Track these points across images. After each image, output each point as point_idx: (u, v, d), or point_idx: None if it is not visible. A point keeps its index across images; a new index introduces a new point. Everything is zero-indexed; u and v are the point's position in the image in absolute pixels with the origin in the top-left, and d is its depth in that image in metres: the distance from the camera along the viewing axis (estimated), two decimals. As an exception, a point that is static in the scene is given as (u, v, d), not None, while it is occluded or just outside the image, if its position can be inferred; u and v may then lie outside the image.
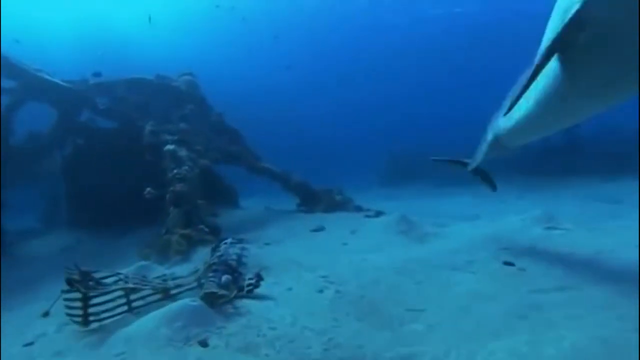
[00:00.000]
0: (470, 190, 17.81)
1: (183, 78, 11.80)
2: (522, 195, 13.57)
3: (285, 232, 8.01)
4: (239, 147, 11.29)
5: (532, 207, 10.78)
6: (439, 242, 6.47)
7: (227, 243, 3.89)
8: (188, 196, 6.96)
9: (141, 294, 3.65)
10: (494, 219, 7.63)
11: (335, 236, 7.22)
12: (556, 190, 14.66)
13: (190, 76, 11.99)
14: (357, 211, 10.86)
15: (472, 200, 13.91)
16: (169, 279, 3.99)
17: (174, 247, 5.76)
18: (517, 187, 16.60)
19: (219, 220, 10.18)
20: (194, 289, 4.11)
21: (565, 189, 14.79)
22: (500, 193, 15.75)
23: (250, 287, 3.64)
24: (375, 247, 6.33)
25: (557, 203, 10.88)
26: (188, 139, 9.48)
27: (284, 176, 11.41)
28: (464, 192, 17.57)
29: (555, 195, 13.24)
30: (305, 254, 6.06)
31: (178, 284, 3.95)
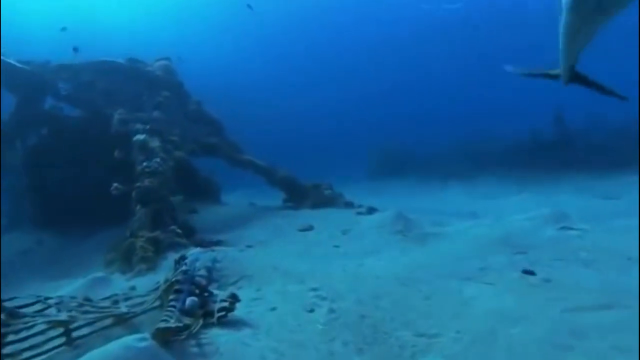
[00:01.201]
0: (462, 184, 17.38)
1: (159, 63, 10.80)
2: (518, 191, 13.04)
3: (270, 232, 7.22)
4: (219, 138, 10.39)
5: (531, 203, 10.28)
6: (442, 245, 5.77)
7: (195, 253, 3.09)
8: (158, 193, 6.10)
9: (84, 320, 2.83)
10: (498, 218, 6.98)
11: (326, 237, 6.47)
12: (552, 186, 14.21)
13: (167, 61, 11.00)
14: (347, 207, 10.12)
15: (467, 196, 13.36)
16: (121, 300, 3.17)
17: (138, 254, 4.92)
18: (511, 183, 16.15)
19: (196, 218, 9.32)
20: (156, 309, 3.30)
21: (561, 185, 14.35)
22: (494, 189, 15.34)
23: (223, 313, 2.86)
24: (371, 250, 5.60)
25: (558, 200, 10.34)
26: (162, 128, 8.56)
27: (269, 169, 10.58)
28: (455, 186, 17.08)
29: (552, 191, 12.74)
30: (292, 259, 5.28)
31: (135, 303, 3.14)
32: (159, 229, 5.50)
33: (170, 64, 10.96)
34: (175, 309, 2.69)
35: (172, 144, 8.49)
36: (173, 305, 2.73)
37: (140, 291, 4.05)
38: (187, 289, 2.85)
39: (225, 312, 2.89)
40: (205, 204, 10.92)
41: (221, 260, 5.16)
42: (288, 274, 4.62)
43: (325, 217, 8.28)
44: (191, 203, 10.59)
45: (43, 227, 9.83)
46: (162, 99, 9.49)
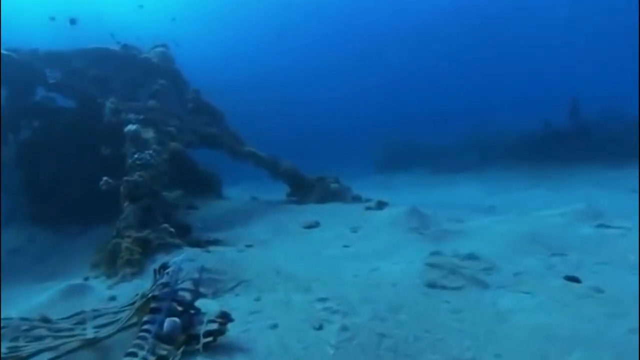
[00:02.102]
0: (474, 177, 16.68)
1: (155, 50, 10.20)
2: (534, 184, 12.34)
3: (273, 229, 6.65)
4: (219, 129, 9.80)
5: (552, 197, 9.62)
6: (464, 244, 5.15)
7: (178, 260, 2.53)
8: (149, 187, 5.54)
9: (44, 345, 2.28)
10: (522, 213, 6.35)
11: (333, 235, 5.88)
12: (569, 178, 13.49)
13: (164, 48, 10.40)
14: (355, 202, 9.51)
15: (481, 189, 12.68)
16: (89, 319, 2.62)
17: (123, 256, 4.38)
18: (524, 175, 15.45)
19: (195, 215, 8.78)
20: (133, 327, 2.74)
21: (578, 177, 13.63)
22: (508, 182, 14.64)
23: (211, 338, 2.30)
24: (385, 250, 5.00)
25: (580, 193, 9.66)
26: (157, 118, 7.98)
27: (272, 162, 9.98)
28: (467, 179, 16.38)
29: (571, 184, 12.02)
30: (296, 261, 4.71)
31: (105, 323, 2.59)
32: (148, 228, 4.95)
33: (167, 51, 10.36)
34: (149, 334, 2.14)
35: (167, 135, 7.92)
36: (147, 330, 2.17)
37: (121, 301, 3.51)
38: (166, 308, 2.30)
39: (214, 336, 2.33)
40: (205, 199, 10.40)
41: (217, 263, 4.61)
42: (292, 280, 4.06)
43: (332, 212, 7.70)
44: (190, 198, 10.09)
45: (36, 223, 9.35)
46: (158, 88, 8.90)
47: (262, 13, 34.32)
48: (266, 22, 36.20)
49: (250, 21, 35.76)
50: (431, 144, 23.89)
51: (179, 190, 10.23)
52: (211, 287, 4.15)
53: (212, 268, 4.52)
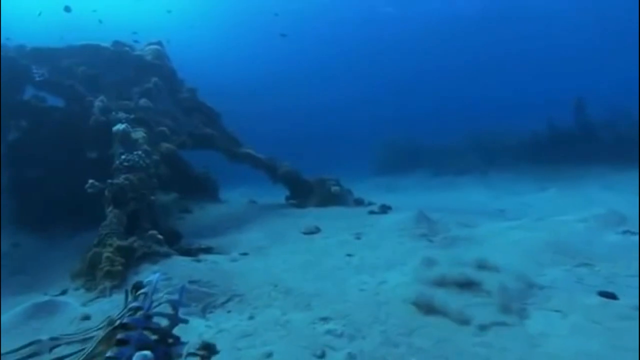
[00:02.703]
0: (479, 179, 16.25)
1: (149, 47, 9.80)
2: (543, 187, 11.91)
3: (271, 235, 6.22)
4: (215, 129, 9.39)
5: (564, 200, 9.20)
6: (479, 252, 4.72)
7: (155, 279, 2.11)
8: (136, 191, 5.12)
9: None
10: (538, 218, 5.92)
11: (336, 242, 5.45)
12: (578, 180, 13.05)
13: (158, 45, 10.00)
14: (357, 205, 9.11)
15: (487, 192, 12.26)
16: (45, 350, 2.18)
17: (103, 267, 3.95)
18: (531, 177, 15.07)
19: (189, 219, 8.37)
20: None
21: (588, 179, 13.20)
22: (515, 184, 14.22)
23: (188, 379, 1.88)
24: (393, 260, 4.57)
25: (594, 197, 9.24)
26: (149, 118, 7.58)
27: (270, 164, 9.57)
28: (471, 182, 15.95)
29: (582, 186, 11.59)
30: (295, 272, 4.29)
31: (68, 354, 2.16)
32: (134, 235, 4.53)
33: (161, 49, 9.96)
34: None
35: (160, 136, 7.51)
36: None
37: (97, 320, 3.08)
38: (136, 339, 1.89)
39: (194, 374, 1.91)
40: (201, 202, 9.99)
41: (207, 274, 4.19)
42: (290, 295, 3.63)
43: (333, 217, 7.27)
44: (185, 201, 9.68)
45: (22, 227, 8.91)
46: (150, 86, 8.49)
47: (265, 13, 33.98)
48: (267, 22, 35.88)
49: (251, 22, 35.43)
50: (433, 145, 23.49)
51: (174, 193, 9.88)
52: (200, 302, 3.74)
53: (201, 280, 4.11)
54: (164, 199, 9.64)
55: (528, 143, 20.22)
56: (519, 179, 15.23)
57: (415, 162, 22.10)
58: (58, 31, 9.94)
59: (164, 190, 9.71)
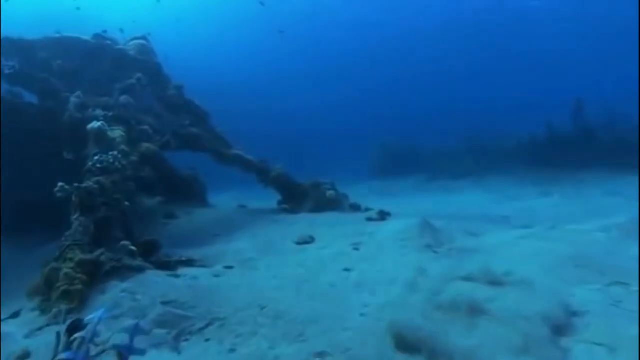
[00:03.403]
0: (476, 184, 15.83)
1: (133, 42, 9.23)
2: (545, 192, 11.50)
3: (260, 245, 5.67)
4: (202, 129, 8.82)
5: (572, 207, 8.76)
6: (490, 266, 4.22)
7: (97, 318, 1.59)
8: (108, 196, 4.55)
9: None
10: (552, 227, 5.45)
11: (332, 254, 4.92)
12: (577, 184, 12.69)
13: (143, 40, 9.42)
14: (354, 211, 8.59)
15: (486, 197, 11.83)
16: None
17: (60, 286, 3.38)
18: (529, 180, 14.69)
19: (173, 226, 7.77)
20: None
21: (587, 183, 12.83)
22: (513, 187, 13.82)
23: None
24: (396, 275, 4.05)
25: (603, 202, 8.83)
26: (129, 116, 7.00)
27: (261, 167, 9.02)
28: (469, 186, 15.53)
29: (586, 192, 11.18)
30: (286, 291, 3.75)
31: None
32: (102, 247, 3.96)
33: (147, 44, 9.39)
34: None
35: (141, 135, 6.94)
36: None
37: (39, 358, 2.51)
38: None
39: None
40: (187, 207, 9.39)
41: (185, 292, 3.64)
42: (280, 320, 3.09)
43: (328, 224, 6.74)
44: (171, 206, 9.09)
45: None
46: (133, 82, 7.92)
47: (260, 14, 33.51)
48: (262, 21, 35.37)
49: (245, 19, 34.87)
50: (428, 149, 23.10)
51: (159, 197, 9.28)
52: (174, 328, 3.18)
53: (177, 300, 3.56)
54: (147, 203, 9.06)
55: (525, 146, 19.87)
56: (517, 182, 14.82)
57: (410, 165, 21.67)
58: (36, 22, 9.31)
59: (148, 194, 9.16)
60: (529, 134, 19.77)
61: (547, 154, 17.85)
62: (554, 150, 17.97)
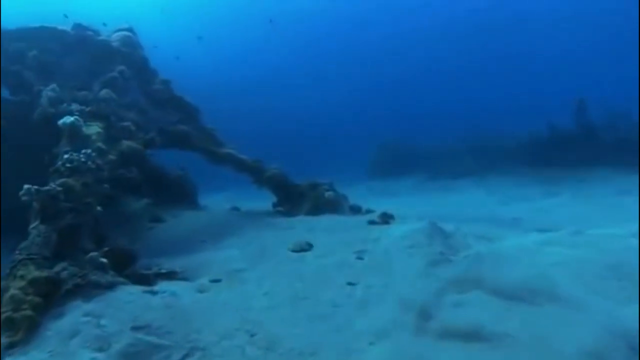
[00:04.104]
0: (478, 183, 15.34)
1: (117, 34, 8.63)
2: (550, 191, 11.03)
3: (252, 252, 5.11)
4: (192, 126, 8.24)
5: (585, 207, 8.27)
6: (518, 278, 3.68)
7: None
8: (77, 200, 3.97)
9: None
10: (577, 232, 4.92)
11: (333, 264, 4.36)
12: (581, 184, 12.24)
13: (128, 32, 8.82)
14: (354, 213, 8.05)
15: (490, 197, 11.33)
16: None
17: (5, 311, 2.79)
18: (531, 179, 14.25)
19: (159, 231, 7.19)
20: None
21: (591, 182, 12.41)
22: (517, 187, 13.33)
23: None
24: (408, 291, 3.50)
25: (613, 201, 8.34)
26: (110, 111, 6.42)
27: (256, 166, 8.46)
28: (471, 186, 15.05)
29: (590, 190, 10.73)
30: (280, 311, 3.19)
31: None
32: (65, 260, 3.39)
33: (132, 36, 8.78)
34: None
35: (123, 132, 6.35)
36: None
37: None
38: None
39: None
40: (176, 210, 8.83)
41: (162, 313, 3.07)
42: (273, 352, 2.54)
43: (328, 228, 6.19)
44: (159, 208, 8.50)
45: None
46: (116, 75, 7.32)
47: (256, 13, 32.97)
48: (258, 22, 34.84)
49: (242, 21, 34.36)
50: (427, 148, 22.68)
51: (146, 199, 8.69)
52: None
53: (151, 324, 2.99)
54: (133, 206, 8.46)
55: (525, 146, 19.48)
56: (519, 182, 14.36)
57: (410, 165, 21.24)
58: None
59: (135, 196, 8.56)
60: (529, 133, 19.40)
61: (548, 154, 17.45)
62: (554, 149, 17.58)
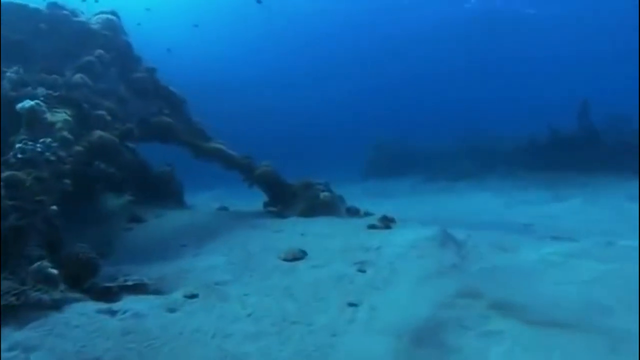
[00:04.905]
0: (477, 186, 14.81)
1: (99, 16, 7.93)
2: (557, 196, 10.51)
3: (236, 260, 4.47)
4: (177, 118, 7.57)
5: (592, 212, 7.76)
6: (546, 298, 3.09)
7: None
8: (26, 197, 3.32)
9: None
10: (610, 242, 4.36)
11: (330, 277, 3.74)
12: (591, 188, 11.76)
13: (111, 15, 8.12)
14: (352, 216, 7.44)
15: (495, 201, 10.75)
16: None
17: None
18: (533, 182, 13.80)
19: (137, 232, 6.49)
20: None
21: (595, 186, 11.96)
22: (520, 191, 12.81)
23: None
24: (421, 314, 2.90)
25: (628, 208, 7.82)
26: (82, 98, 5.74)
27: (246, 163, 7.82)
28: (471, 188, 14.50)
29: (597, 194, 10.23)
30: (265, 341, 2.56)
31: None
32: (5, 271, 2.75)
33: (115, 19, 8.09)
34: None
35: (97, 121, 5.68)
36: None
37: None
38: None
39: None
40: (159, 209, 8.14)
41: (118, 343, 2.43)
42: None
43: (323, 233, 5.56)
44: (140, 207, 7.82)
45: None
46: (92, 59, 6.63)
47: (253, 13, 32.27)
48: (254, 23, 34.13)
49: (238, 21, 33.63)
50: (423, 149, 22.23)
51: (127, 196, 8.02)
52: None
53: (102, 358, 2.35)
54: (113, 204, 7.78)
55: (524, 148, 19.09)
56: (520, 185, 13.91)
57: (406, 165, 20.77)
58: None
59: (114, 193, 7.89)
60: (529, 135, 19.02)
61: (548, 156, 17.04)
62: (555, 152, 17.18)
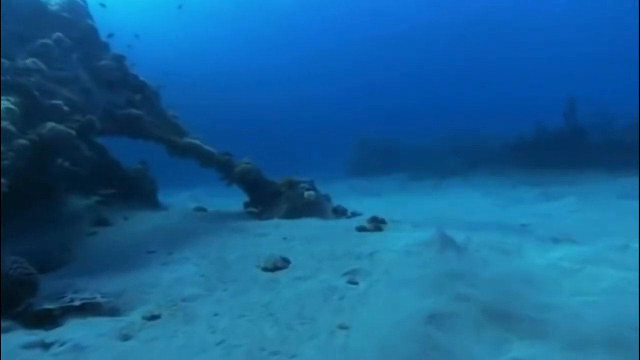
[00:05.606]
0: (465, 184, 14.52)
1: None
2: (546, 193, 10.25)
3: (210, 270, 3.91)
4: (147, 111, 6.91)
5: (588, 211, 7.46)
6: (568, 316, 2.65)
7: None
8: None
9: None
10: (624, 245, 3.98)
11: (316, 292, 3.22)
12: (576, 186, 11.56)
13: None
14: (338, 216, 6.95)
15: (484, 199, 10.41)
16: None
17: None
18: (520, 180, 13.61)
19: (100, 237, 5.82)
20: None
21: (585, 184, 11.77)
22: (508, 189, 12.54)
23: None
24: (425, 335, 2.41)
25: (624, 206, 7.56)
26: (34, 85, 5.06)
27: (224, 160, 7.22)
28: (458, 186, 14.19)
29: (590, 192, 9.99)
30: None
31: None
32: None
33: (80, 2, 7.36)
34: None
35: (51, 112, 5.01)
36: None
37: None
38: None
39: None
40: (129, 210, 7.48)
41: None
42: None
43: (308, 236, 5.03)
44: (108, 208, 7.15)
45: None
46: (49, 43, 5.93)
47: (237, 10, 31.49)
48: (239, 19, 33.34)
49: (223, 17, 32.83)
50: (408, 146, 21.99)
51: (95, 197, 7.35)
52: None
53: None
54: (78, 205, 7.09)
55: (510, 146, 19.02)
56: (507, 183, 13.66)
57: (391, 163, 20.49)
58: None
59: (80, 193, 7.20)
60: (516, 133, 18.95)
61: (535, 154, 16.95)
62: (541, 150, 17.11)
